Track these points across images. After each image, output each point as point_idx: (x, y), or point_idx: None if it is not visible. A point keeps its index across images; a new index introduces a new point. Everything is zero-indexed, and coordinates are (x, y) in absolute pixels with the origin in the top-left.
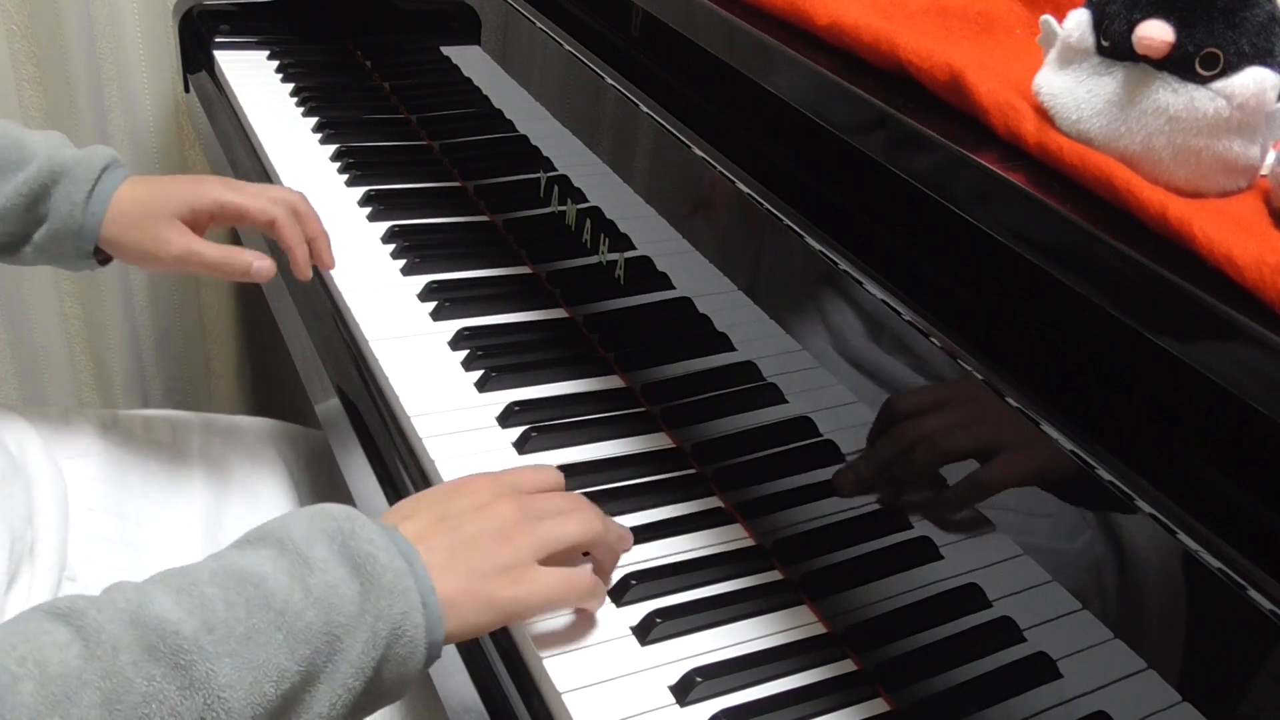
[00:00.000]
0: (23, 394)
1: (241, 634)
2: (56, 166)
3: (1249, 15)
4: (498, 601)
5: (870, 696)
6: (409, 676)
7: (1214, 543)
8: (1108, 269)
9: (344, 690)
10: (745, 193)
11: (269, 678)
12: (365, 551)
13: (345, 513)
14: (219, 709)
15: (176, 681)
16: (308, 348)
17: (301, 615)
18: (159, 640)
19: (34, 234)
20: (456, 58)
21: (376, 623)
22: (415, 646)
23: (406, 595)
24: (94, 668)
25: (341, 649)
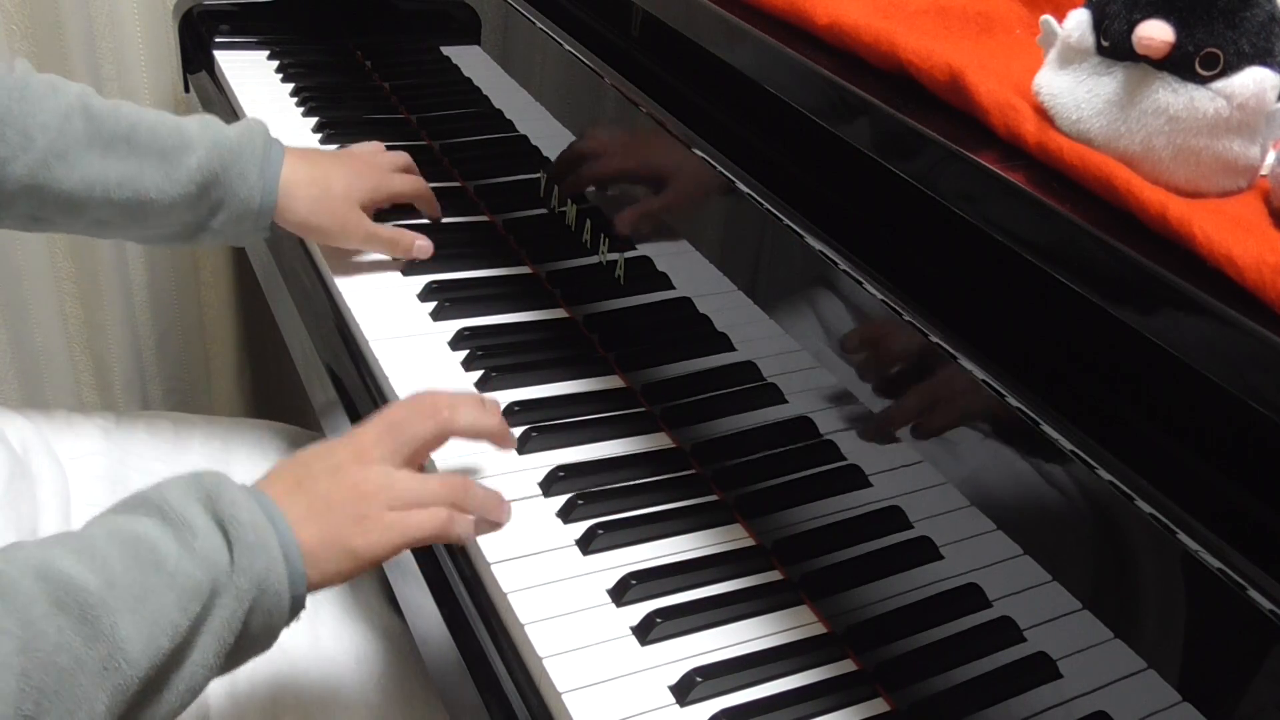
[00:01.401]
0: (23, 394)
1: (139, 592)
2: (223, 150)
3: (1249, 15)
4: (354, 549)
5: (870, 696)
6: (276, 627)
7: (1214, 543)
8: (1108, 269)
9: (217, 642)
10: (745, 193)
11: (164, 632)
12: (229, 513)
13: (214, 477)
14: (120, 658)
15: (83, 633)
16: (308, 348)
17: (191, 576)
18: (67, 595)
19: (212, 221)
20: (456, 58)
21: (241, 577)
22: (279, 600)
23: (268, 550)
24: (11, 619)
25: (216, 604)
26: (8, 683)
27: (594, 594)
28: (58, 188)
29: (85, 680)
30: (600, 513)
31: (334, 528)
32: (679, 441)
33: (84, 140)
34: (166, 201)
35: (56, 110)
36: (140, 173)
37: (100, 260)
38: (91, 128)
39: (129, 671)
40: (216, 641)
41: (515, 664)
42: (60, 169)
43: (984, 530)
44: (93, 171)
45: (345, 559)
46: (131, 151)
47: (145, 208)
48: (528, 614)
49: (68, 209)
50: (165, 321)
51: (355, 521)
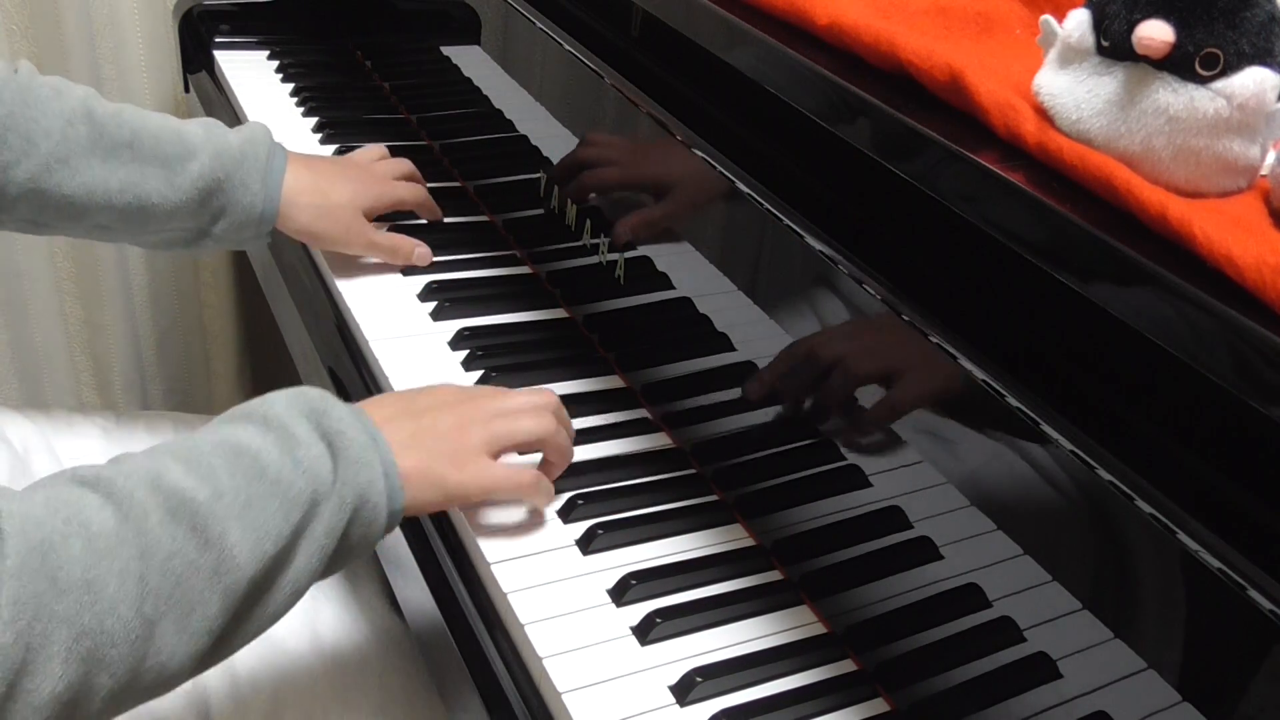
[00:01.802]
0: (23, 394)
1: (244, 500)
2: (226, 158)
3: (1249, 15)
4: (446, 483)
5: (870, 696)
6: (372, 538)
7: (1214, 543)
8: (1108, 269)
9: (319, 549)
10: (745, 193)
11: (269, 537)
12: (336, 429)
13: (319, 394)
14: (229, 564)
15: (195, 541)
16: (308, 348)
17: (293, 484)
18: (179, 505)
19: (214, 227)
20: (456, 58)
21: (344, 490)
22: (378, 512)
23: (370, 466)
24: (128, 527)
25: (319, 513)
26: (129, 587)
27: (594, 594)
28: (59, 193)
29: (198, 584)
30: (600, 513)
31: (432, 459)
32: (679, 441)
33: (86, 146)
34: (168, 208)
35: (60, 115)
36: (142, 179)
37: (100, 260)
38: (94, 133)
39: (238, 575)
40: (318, 547)
41: (515, 664)
42: (62, 174)
43: (984, 530)
44: (95, 178)
45: (436, 491)
46: (134, 158)
47: (147, 214)
48: (528, 614)
49: (69, 214)
50: (165, 321)
51: (452, 457)
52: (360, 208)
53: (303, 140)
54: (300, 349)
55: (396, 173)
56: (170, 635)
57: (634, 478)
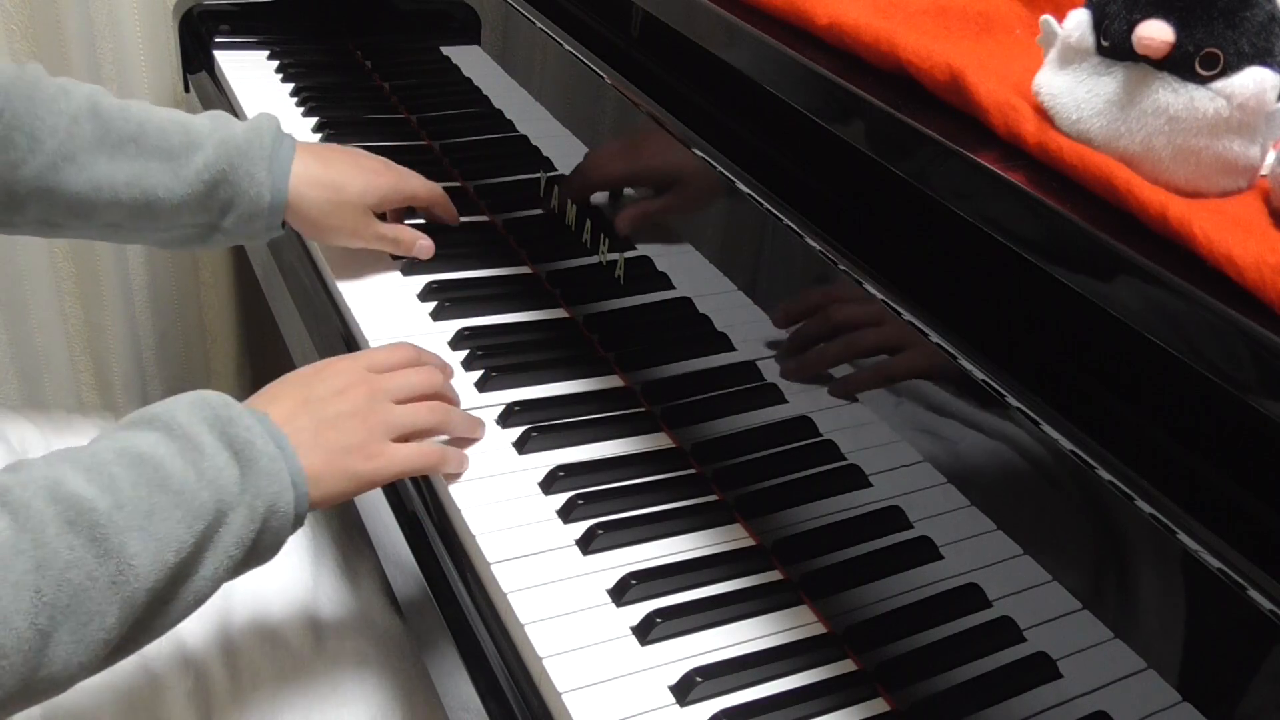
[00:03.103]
0: (23, 394)
1: (145, 510)
2: (231, 148)
3: (1249, 15)
4: (356, 473)
5: (870, 696)
6: (279, 543)
7: (1214, 543)
8: (1108, 269)
9: (226, 557)
10: (745, 193)
11: (170, 548)
12: (244, 438)
13: (221, 400)
14: (129, 574)
15: (94, 551)
16: (308, 348)
17: (196, 495)
18: (77, 515)
19: (223, 221)
20: (456, 58)
21: (255, 500)
22: (286, 518)
23: (279, 477)
24: (25, 538)
25: (226, 523)
26: (23, 599)
27: (594, 594)
28: (66, 190)
29: (96, 595)
30: (600, 513)
31: (338, 452)
32: (679, 441)
33: (92, 142)
34: (174, 201)
35: (65, 113)
36: (147, 173)
37: (100, 260)
38: (100, 129)
39: (137, 585)
40: (225, 556)
41: (515, 664)
42: (68, 171)
43: (984, 530)
44: (100, 173)
45: (347, 481)
46: (140, 152)
47: (153, 208)
48: (528, 614)
49: (78, 212)
50: (165, 321)
51: (358, 448)
52: (370, 204)
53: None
54: (300, 349)
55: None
56: (65, 646)
57: (634, 478)
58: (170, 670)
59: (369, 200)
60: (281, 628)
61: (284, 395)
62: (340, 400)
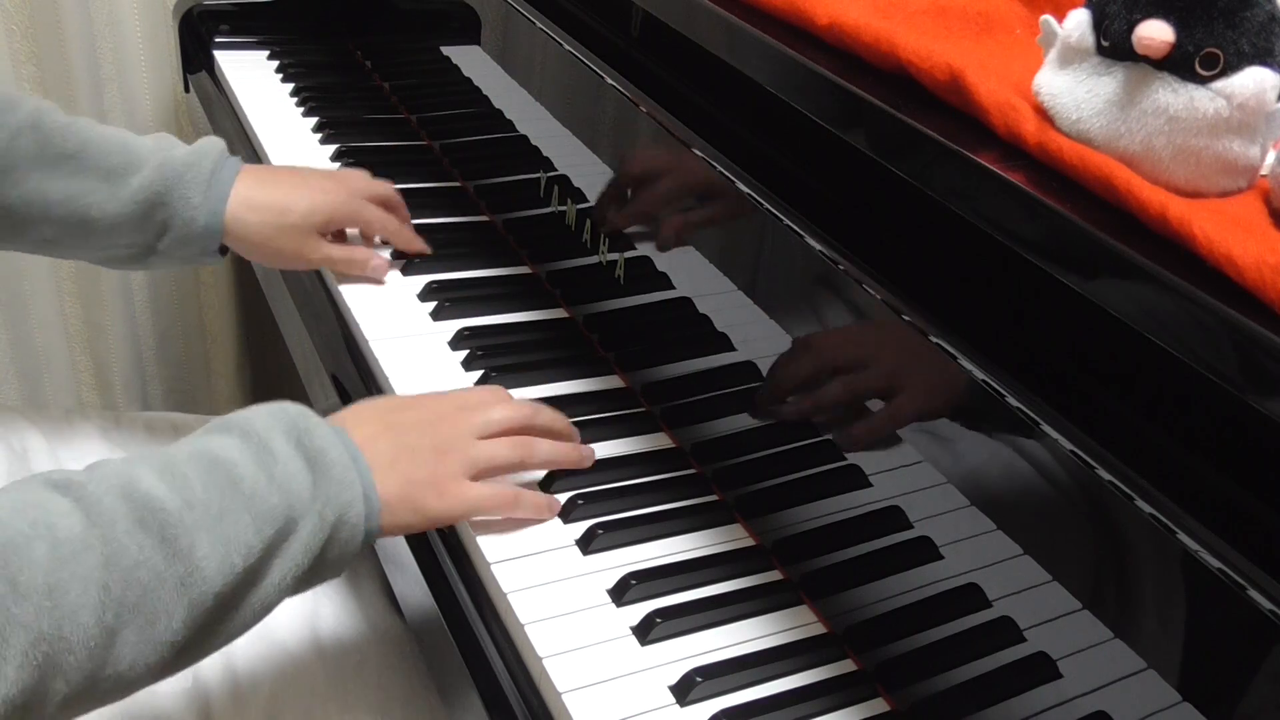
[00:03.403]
0: (23, 394)
1: (216, 513)
2: (169, 171)
3: (1249, 15)
4: (426, 509)
5: (870, 696)
6: (348, 557)
7: (1214, 543)
8: (1108, 269)
9: (294, 565)
10: (745, 193)
11: (238, 551)
12: (319, 447)
13: (300, 410)
14: (197, 575)
15: (163, 551)
16: (308, 348)
17: (266, 499)
18: (148, 514)
19: (159, 243)
20: (456, 58)
21: (325, 509)
22: (355, 532)
23: (351, 487)
24: (95, 534)
25: (296, 530)
26: (91, 595)
27: (594, 594)
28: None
29: (164, 594)
30: (600, 513)
31: (412, 485)
32: (679, 441)
33: (31, 157)
34: (109, 221)
35: (7, 127)
36: (84, 191)
37: None
38: (39, 144)
39: (204, 588)
40: (292, 564)
41: (515, 664)
42: (3, 185)
43: (984, 530)
44: (34, 188)
45: (415, 515)
46: (78, 169)
47: (87, 226)
48: (528, 614)
49: (10, 226)
50: (165, 321)
51: (432, 484)
52: (318, 223)
53: (303, 140)
54: (300, 349)
55: (370, 191)
56: (131, 645)
57: (634, 478)
58: None
59: (314, 221)
60: (281, 629)
61: (368, 419)
62: (422, 432)
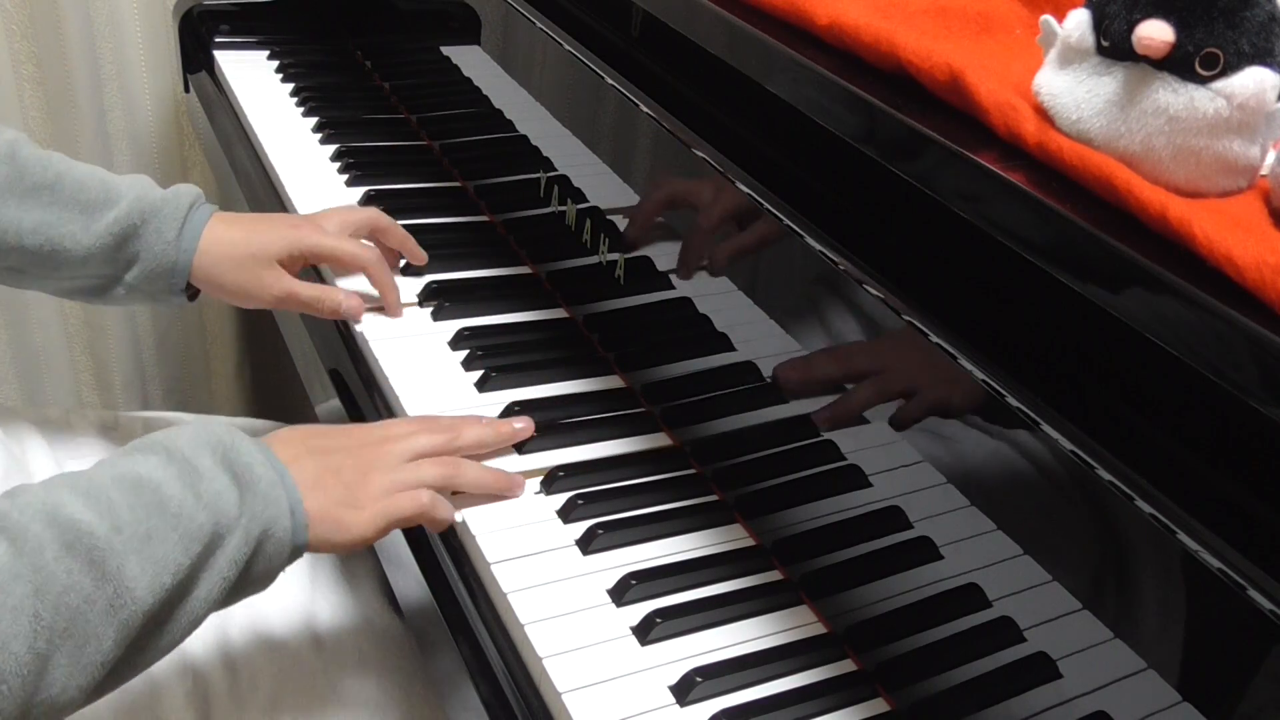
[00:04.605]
0: (23, 394)
1: (143, 534)
2: (145, 206)
3: (1249, 15)
4: (350, 528)
5: (870, 696)
6: (274, 572)
7: (1214, 543)
8: (1108, 269)
9: (220, 579)
10: (745, 193)
11: (167, 570)
12: (245, 463)
13: (226, 429)
14: (127, 597)
15: (91, 574)
16: (308, 348)
17: (194, 518)
18: (75, 539)
19: (126, 275)
20: (456, 58)
21: (251, 524)
22: (281, 546)
23: (278, 503)
24: (23, 562)
25: (222, 545)
26: (22, 624)
27: (594, 594)
28: None
29: (94, 618)
30: (600, 513)
31: (336, 504)
32: (679, 441)
33: (4, 187)
34: (81, 254)
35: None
36: (58, 222)
37: None
38: (13, 174)
39: (134, 608)
40: (220, 579)
41: (515, 664)
42: None
43: (984, 530)
44: (6, 217)
45: (338, 532)
46: (54, 201)
47: (58, 257)
48: (528, 614)
49: None
50: (165, 321)
51: (353, 502)
52: (275, 254)
53: (303, 140)
54: (300, 349)
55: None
56: (63, 669)
57: (634, 478)
58: (169, 673)
59: (272, 251)
60: (280, 629)
61: (293, 440)
62: (347, 454)
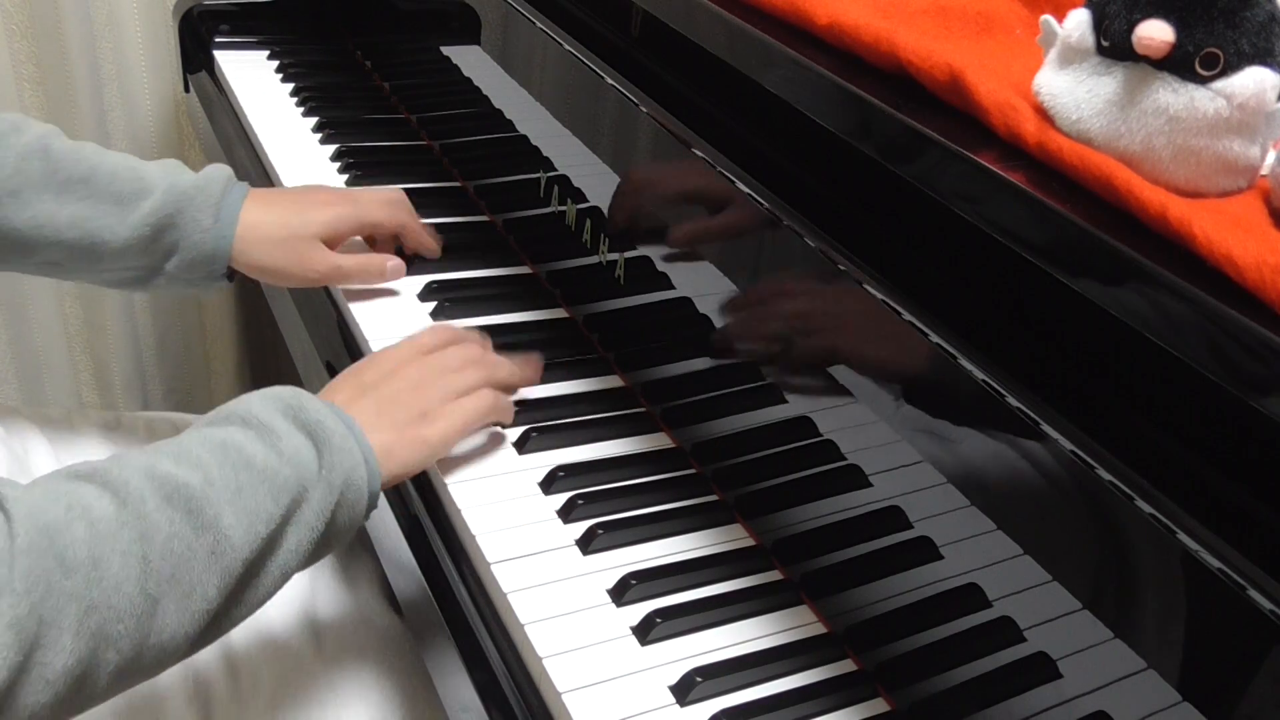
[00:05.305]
0: (23, 394)
1: (235, 488)
2: (179, 195)
3: (1249, 15)
4: (424, 438)
5: (870, 696)
6: (357, 520)
7: (1214, 543)
8: (1108, 269)
9: (309, 531)
10: (745, 193)
11: (260, 519)
12: (315, 420)
13: (291, 390)
14: (225, 544)
15: (191, 524)
16: (308, 347)
17: (279, 472)
18: (174, 491)
19: (166, 265)
20: (456, 58)
21: (332, 475)
22: (361, 493)
23: (351, 453)
24: (128, 512)
25: (308, 498)
26: (132, 567)
27: (594, 594)
28: (7, 226)
29: (197, 565)
30: (600, 513)
31: (403, 424)
32: (679, 441)
33: (39, 181)
34: (118, 245)
35: (14, 149)
36: (94, 215)
37: None
38: (49, 169)
39: (233, 555)
40: (308, 531)
41: (515, 664)
42: (11, 208)
43: (984, 530)
44: (43, 212)
45: (419, 448)
46: (89, 194)
47: (97, 250)
48: (528, 614)
49: (17, 248)
50: (165, 321)
51: (420, 416)
52: (316, 233)
53: (303, 140)
54: (300, 349)
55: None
56: (172, 614)
57: (634, 478)
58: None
59: (313, 230)
60: (281, 629)
61: (342, 386)
62: (394, 380)
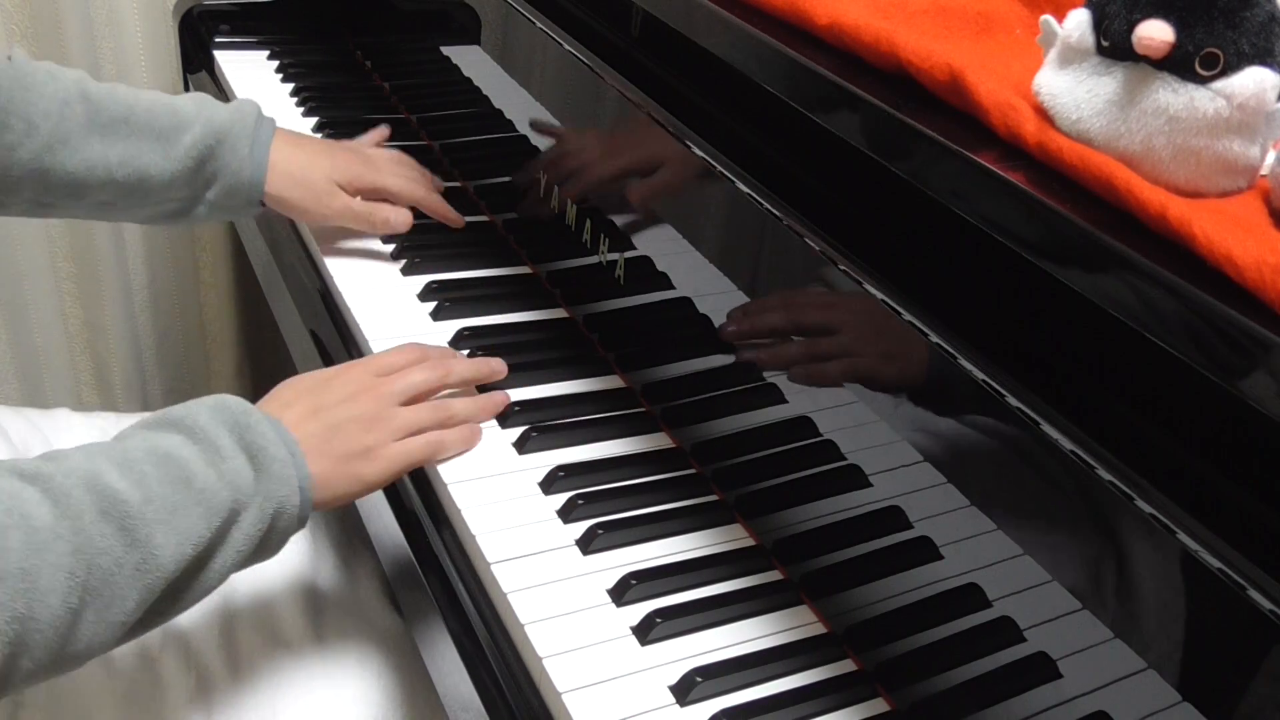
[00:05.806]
0: (23, 394)
1: (170, 507)
2: (217, 126)
3: (1249, 15)
4: (360, 476)
5: (870, 696)
6: (284, 540)
7: (1214, 543)
8: (1108, 269)
9: (236, 552)
10: (745, 193)
11: (190, 541)
12: (259, 444)
13: (240, 405)
14: (152, 563)
15: (123, 540)
16: (308, 348)
17: (216, 494)
18: (111, 506)
19: (207, 193)
20: (456, 58)
21: (265, 502)
22: (291, 519)
23: (289, 482)
24: (64, 524)
25: (239, 521)
26: (60, 579)
27: (594, 594)
28: (62, 170)
29: (122, 580)
30: (600, 513)
31: (343, 458)
32: (679, 441)
33: (84, 125)
34: (165, 179)
35: (55, 96)
36: (140, 152)
37: (100, 261)
38: (91, 112)
39: (158, 574)
40: (234, 553)
41: (515, 664)
42: (63, 153)
43: (984, 530)
44: (94, 154)
45: (354, 484)
46: (131, 132)
47: (145, 185)
48: (528, 614)
49: (72, 192)
50: (165, 321)
51: (363, 452)
52: (337, 179)
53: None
54: (300, 348)
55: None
56: (90, 625)
57: (634, 478)
58: (172, 667)
59: (336, 176)
60: (281, 628)
61: (296, 402)
62: (347, 407)
